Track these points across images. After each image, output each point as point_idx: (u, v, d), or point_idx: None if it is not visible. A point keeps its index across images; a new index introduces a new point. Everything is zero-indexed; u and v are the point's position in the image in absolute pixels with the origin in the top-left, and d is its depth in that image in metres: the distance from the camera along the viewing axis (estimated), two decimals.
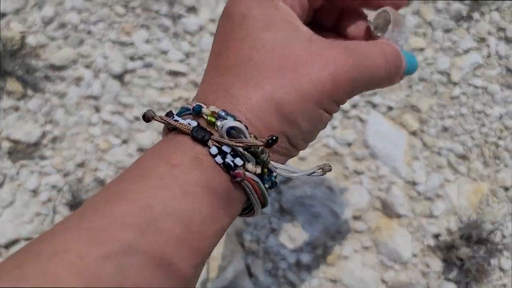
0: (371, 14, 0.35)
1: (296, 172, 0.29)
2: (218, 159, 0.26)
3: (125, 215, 0.23)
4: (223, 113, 0.26)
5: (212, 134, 0.26)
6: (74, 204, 0.73)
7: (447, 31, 0.73)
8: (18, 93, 0.78)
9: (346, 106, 0.73)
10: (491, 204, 0.69)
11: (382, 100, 0.73)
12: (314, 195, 0.71)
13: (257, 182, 0.27)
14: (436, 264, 0.67)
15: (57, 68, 0.79)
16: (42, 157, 0.77)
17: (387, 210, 0.70)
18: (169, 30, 0.79)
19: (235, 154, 0.26)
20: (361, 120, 0.73)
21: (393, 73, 0.32)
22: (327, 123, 0.30)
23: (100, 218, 0.23)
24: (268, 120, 0.27)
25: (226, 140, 0.26)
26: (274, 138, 0.25)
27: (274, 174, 0.28)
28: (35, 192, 0.76)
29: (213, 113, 0.27)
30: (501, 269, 0.66)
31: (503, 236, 0.67)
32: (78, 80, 0.79)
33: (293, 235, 0.71)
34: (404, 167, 0.71)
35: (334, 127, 0.73)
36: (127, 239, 0.22)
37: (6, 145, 0.77)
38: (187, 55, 0.78)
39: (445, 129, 0.71)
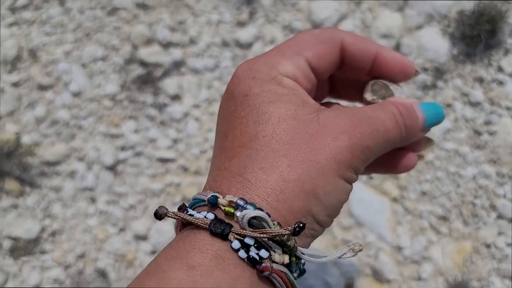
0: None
1: (325, 256, 0.27)
2: (242, 253, 0.24)
3: None
4: (241, 202, 0.25)
5: (232, 226, 0.24)
6: None
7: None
8: (16, 192, 0.82)
9: None
10: (475, 262, 0.72)
11: None
12: (306, 267, 0.74)
13: (285, 273, 0.25)
14: None
15: (52, 163, 0.83)
16: (43, 252, 0.80)
17: (377, 275, 0.73)
18: (155, 119, 0.83)
19: (259, 245, 0.24)
20: None
21: (407, 132, 0.31)
22: (349, 194, 0.29)
23: None
24: (290, 202, 0.25)
25: (249, 232, 0.24)
26: (301, 225, 0.23)
27: (303, 260, 0.27)
28: (38, 287, 0.78)
29: (230, 203, 0.25)
30: None
31: None
32: (72, 174, 0.83)
33: None
34: (389, 232, 0.74)
35: None
36: None
37: (7, 243, 0.80)
38: (175, 141, 0.83)
39: (423, 193, 0.75)
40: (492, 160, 0.75)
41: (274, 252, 0.25)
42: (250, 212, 0.24)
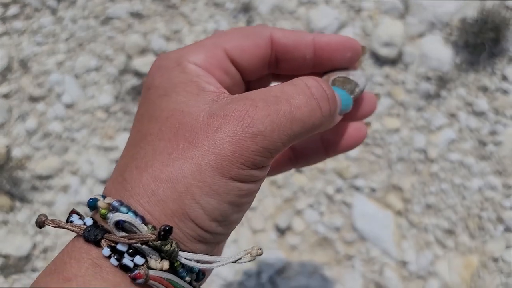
0: None
1: (217, 262, 0.24)
2: (113, 261, 0.22)
3: None
4: (116, 204, 0.23)
5: (107, 231, 0.23)
6: None
7: (419, 109, 0.77)
8: (6, 207, 0.79)
9: (330, 190, 0.75)
10: (483, 277, 0.70)
11: (364, 182, 0.75)
12: (309, 285, 0.71)
13: (170, 279, 0.23)
14: None
15: (43, 177, 0.80)
16: (34, 269, 0.77)
17: None
18: None
19: (134, 251, 0.23)
20: (346, 204, 0.74)
21: (330, 108, 0.27)
22: (249, 195, 0.25)
23: None
24: (163, 204, 0.23)
25: (118, 238, 0.22)
26: (166, 228, 0.21)
27: (194, 266, 0.24)
28: None
29: (108, 206, 0.23)
30: None
31: None
32: (65, 188, 0.80)
33: None
34: (393, 247, 0.72)
35: (321, 213, 0.75)
36: None
37: None
38: None
39: (428, 205, 0.73)
40: (498, 171, 0.73)
41: (151, 258, 0.23)
42: (117, 215, 0.22)
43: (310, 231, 0.75)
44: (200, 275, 0.25)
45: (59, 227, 0.24)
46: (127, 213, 0.22)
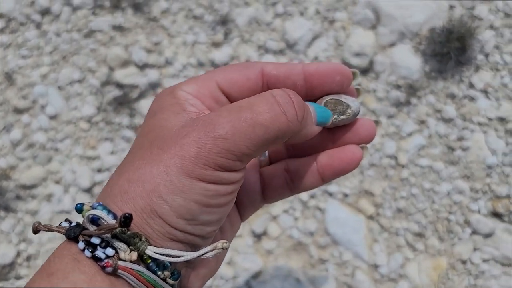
0: None
1: (184, 256, 0.26)
2: (87, 253, 0.24)
3: None
4: (96, 204, 0.26)
5: (85, 228, 0.25)
6: None
7: (390, 117, 0.79)
8: None
9: (304, 196, 0.77)
10: (452, 278, 0.72)
11: (337, 188, 0.77)
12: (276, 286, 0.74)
13: (139, 271, 0.25)
14: None
15: (27, 187, 0.83)
16: (18, 277, 0.79)
17: None
18: (131, 140, 0.83)
19: (106, 244, 0.25)
20: (319, 209, 0.77)
21: (298, 115, 0.29)
22: (217, 196, 0.27)
23: None
24: (133, 201, 0.26)
25: (91, 231, 0.25)
26: (126, 215, 0.24)
27: (166, 262, 0.26)
28: None
29: (90, 207, 0.26)
30: None
31: None
32: (49, 197, 0.82)
33: None
34: (365, 250, 0.74)
35: (296, 218, 0.77)
36: None
37: None
38: None
39: (399, 210, 0.75)
40: (466, 175, 0.76)
41: (120, 249, 0.25)
42: (91, 211, 0.25)
43: (285, 236, 0.77)
44: (175, 273, 0.27)
45: (49, 230, 0.27)
46: (102, 210, 0.25)
